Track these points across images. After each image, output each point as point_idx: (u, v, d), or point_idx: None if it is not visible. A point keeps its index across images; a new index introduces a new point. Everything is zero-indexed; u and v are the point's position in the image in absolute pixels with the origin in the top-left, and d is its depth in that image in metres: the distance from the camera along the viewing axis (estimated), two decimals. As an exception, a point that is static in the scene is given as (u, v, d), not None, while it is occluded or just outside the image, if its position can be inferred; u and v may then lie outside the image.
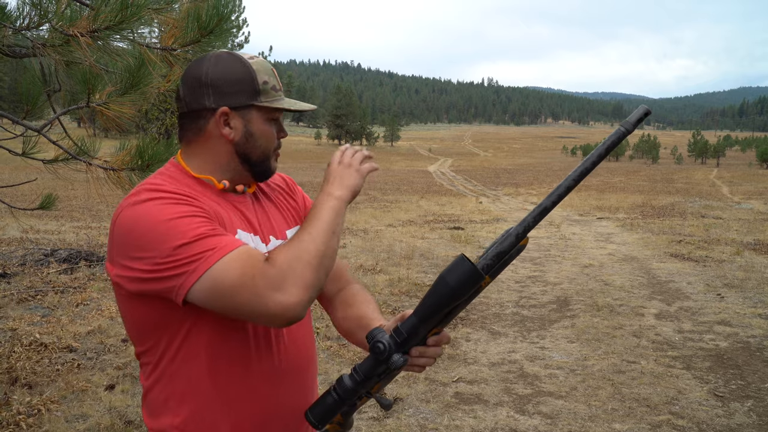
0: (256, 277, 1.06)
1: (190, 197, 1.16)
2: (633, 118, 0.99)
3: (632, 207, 18.29)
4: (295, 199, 1.48)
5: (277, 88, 1.27)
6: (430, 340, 1.16)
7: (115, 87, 2.91)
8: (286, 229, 1.38)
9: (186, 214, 1.11)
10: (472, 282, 1.04)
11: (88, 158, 3.30)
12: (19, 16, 2.43)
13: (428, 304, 1.09)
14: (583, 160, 1.03)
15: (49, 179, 4.13)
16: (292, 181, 1.53)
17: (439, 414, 3.86)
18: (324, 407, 1.20)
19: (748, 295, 6.85)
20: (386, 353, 1.14)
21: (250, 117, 1.25)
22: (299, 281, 1.07)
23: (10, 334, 5.01)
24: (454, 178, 38.67)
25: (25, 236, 10.27)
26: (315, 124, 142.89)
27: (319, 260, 1.11)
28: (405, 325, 1.14)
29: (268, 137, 1.28)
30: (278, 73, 1.32)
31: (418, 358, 1.18)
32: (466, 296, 1.07)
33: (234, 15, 2.89)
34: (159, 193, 1.14)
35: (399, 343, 1.15)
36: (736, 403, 4.01)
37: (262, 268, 1.07)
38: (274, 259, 1.09)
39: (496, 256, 1.06)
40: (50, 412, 3.69)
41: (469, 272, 1.03)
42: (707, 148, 67.53)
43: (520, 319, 6.02)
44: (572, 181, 1.02)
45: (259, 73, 1.24)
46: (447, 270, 1.06)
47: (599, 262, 9.00)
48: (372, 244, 10.36)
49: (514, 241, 1.05)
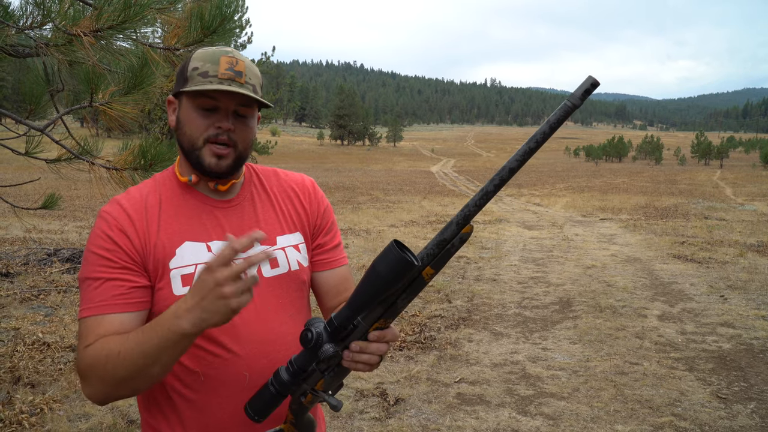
0: (76, 362, 1.17)
1: (124, 226, 1.20)
2: (579, 92, 0.90)
3: (635, 208, 18.25)
4: (304, 204, 1.42)
5: (209, 74, 1.20)
6: (372, 335, 1.07)
7: (118, 87, 2.91)
8: (279, 235, 1.34)
9: (97, 251, 1.19)
10: (401, 270, 0.96)
11: (90, 158, 3.30)
12: (23, 15, 2.44)
13: (359, 292, 1.02)
14: (527, 139, 0.95)
15: (52, 179, 4.13)
16: (311, 185, 1.46)
17: (441, 414, 3.85)
18: (262, 400, 1.16)
19: (751, 297, 6.83)
20: (313, 342, 1.07)
21: (181, 104, 1.25)
22: (97, 381, 1.12)
23: (13, 334, 5.02)
24: (457, 178, 38.64)
25: (28, 236, 10.30)
26: (318, 125, 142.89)
27: (121, 381, 1.10)
28: (338, 315, 1.07)
29: (193, 125, 1.22)
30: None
31: (359, 354, 1.08)
32: (398, 285, 0.99)
33: (237, 15, 2.89)
34: (104, 214, 1.23)
35: (330, 332, 1.08)
36: (738, 405, 4.00)
37: (81, 353, 1.15)
38: (90, 349, 1.13)
39: (437, 245, 1.00)
40: (53, 411, 3.70)
41: (397, 259, 0.96)
42: (710, 150, 67.37)
43: (523, 320, 6.01)
44: (516, 162, 0.95)
45: (193, 60, 1.23)
46: (378, 257, 0.99)
47: (602, 263, 8.98)
48: (374, 245, 10.36)
49: (455, 229, 0.99)
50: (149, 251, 1.21)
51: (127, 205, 1.24)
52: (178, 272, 1.21)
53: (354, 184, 29.75)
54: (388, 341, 1.09)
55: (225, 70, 1.20)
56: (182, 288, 1.21)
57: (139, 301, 1.19)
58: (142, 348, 1.07)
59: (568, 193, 25.78)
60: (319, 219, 1.43)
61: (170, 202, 1.27)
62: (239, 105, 1.23)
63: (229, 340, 1.23)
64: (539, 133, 0.94)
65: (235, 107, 1.23)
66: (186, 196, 1.29)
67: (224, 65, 1.20)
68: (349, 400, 4.05)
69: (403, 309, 1.06)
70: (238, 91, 1.19)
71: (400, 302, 1.04)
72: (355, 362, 1.09)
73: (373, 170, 47.51)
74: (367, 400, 4.06)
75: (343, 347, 1.09)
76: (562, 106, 0.92)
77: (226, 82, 1.20)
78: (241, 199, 1.34)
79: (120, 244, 1.19)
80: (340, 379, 1.15)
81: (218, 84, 1.19)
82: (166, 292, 1.21)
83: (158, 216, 1.25)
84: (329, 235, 1.44)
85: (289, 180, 1.44)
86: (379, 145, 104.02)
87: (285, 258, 1.33)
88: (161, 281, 1.21)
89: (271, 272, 1.31)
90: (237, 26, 2.90)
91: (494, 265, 8.95)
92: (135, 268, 1.20)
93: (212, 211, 1.29)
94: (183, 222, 1.26)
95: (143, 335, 1.08)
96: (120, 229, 1.20)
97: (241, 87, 1.20)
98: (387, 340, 1.09)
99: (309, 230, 1.41)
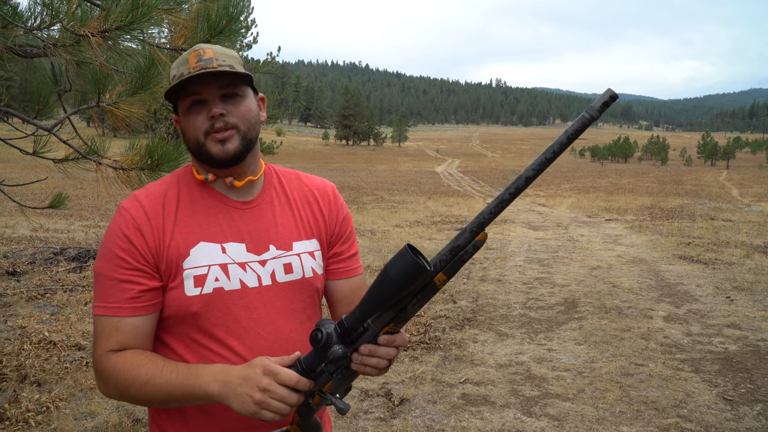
0: (95, 358, 1.22)
1: (140, 224, 1.22)
2: (598, 104, 0.90)
3: (641, 209, 18.20)
4: (323, 210, 1.40)
5: (184, 74, 1.21)
6: (381, 339, 1.08)
7: (125, 87, 2.92)
8: (296, 241, 1.33)
9: (113, 248, 1.21)
10: (413, 274, 0.97)
11: (97, 157, 3.32)
12: (31, 16, 2.45)
13: (370, 295, 1.03)
14: (545, 150, 0.96)
15: (59, 178, 4.15)
16: (332, 191, 1.44)
17: (446, 415, 3.85)
18: None
19: (757, 298, 6.80)
20: (322, 342, 1.07)
21: (180, 114, 1.27)
22: (115, 391, 1.20)
23: (19, 332, 5.05)
24: (462, 179, 38.61)
25: (34, 235, 10.35)
26: (323, 125, 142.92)
27: (139, 401, 1.20)
28: (349, 317, 1.08)
29: (191, 125, 1.24)
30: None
31: (368, 357, 1.08)
32: (409, 289, 1.00)
33: (243, 15, 2.89)
34: (123, 211, 1.24)
35: (340, 334, 1.08)
36: (745, 407, 3.98)
37: (102, 356, 1.20)
38: (116, 359, 1.19)
39: (450, 251, 1.00)
40: (59, 409, 3.71)
41: (410, 264, 0.96)
42: (717, 150, 67.11)
43: (528, 321, 6.00)
44: (532, 172, 0.95)
45: (171, 71, 1.25)
46: (391, 261, 1.00)
47: (607, 264, 8.96)
48: (379, 245, 10.36)
49: (469, 236, 0.99)
50: (163, 251, 1.22)
51: (145, 201, 1.25)
52: (191, 272, 1.22)
53: (359, 184, 29.77)
54: (398, 346, 1.10)
55: (195, 63, 1.21)
56: (194, 288, 1.21)
57: (150, 303, 1.21)
58: (169, 389, 1.15)
59: (574, 193, 25.72)
60: (337, 227, 1.41)
61: (188, 200, 1.28)
62: (223, 88, 1.23)
63: (237, 343, 1.24)
64: (556, 143, 0.94)
65: (219, 92, 1.22)
66: (204, 195, 1.29)
67: (193, 60, 1.21)
68: (353, 400, 4.05)
69: (413, 314, 1.06)
70: (205, 71, 1.19)
71: (410, 307, 1.04)
72: (364, 365, 1.10)
73: (378, 170, 47.51)
74: (371, 400, 4.06)
75: (353, 349, 1.09)
76: (580, 118, 0.92)
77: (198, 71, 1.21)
78: (260, 201, 1.33)
79: (135, 243, 1.20)
80: (348, 382, 1.15)
81: (189, 75, 1.20)
82: (178, 291, 1.22)
83: (175, 213, 1.25)
84: (346, 244, 1.43)
85: (310, 185, 1.42)
86: (384, 146, 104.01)
87: (300, 264, 1.32)
88: (174, 281, 1.22)
89: (285, 278, 1.30)
90: (243, 27, 2.90)
91: (499, 265, 8.93)
92: (148, 269, 1.21)
93: (229, 211, 1.29)
94: (200, 221, 1.26)
95: (176, 377, 1.15)
96: (136, 227, 1.21)
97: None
98: (396, 345, 1.10)
99: (326, 238, 1.40)
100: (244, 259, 1.26)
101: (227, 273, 1.23)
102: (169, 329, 1.26)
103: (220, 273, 1.23)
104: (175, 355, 1.24)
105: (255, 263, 1.27)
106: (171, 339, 1.26)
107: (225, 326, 1.23)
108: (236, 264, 1.25)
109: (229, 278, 1.23)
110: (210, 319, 1.23)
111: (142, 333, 1.21)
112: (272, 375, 1.07)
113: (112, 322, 1.19)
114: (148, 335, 1.23)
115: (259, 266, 1.27)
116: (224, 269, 1.23)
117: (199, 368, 1.15)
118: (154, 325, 1.24)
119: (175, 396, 1.15)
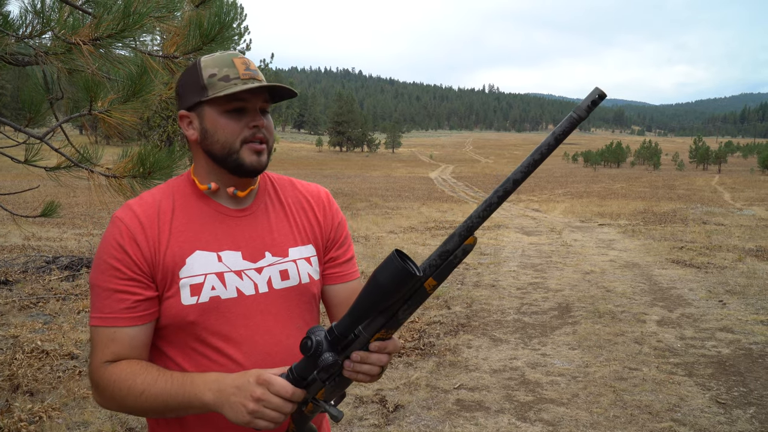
0: (91, 369, 1.22)
1: (135, 234, 1.22)
2: (585, 104, 0.88)
3: (634, 213, 18.27)
4: (318, 216, 1.40)
5: (230, 77, 1.21)
6: (373, 346, 1.07)
7: (117, 95, 2.92)
8: (291, 247, 1.33)
9: (108, 259, 1.21)
10: (401, 280, 0.96)
11: (90, 165, 3.31)
12: (22, 24, 2.45)
13: (359, 302, 1.02)
14: (532, 152, 0.94)
15: (51, 187, 4.15)
16: (326, 197, 1.45)
17: (441, 421, 3.85)
18: None
19: (750, 302, 6.83)
20: (312, 350, 1.06)
21: (203, 114, 1.25)
22: (111, 402, 1.21)
23: (11, 341, 5.01)
24: (456, 184, 38.68)
25: (27, 243, 10.29)
26: (316, 131, 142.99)
27: (135, 412, 1.20)
28: (339, 324, 1.07)
29: (227, 129, 1.23)
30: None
31: (360, 365, 1.08)
32: (398, 295, 0.99)
33: (236, 23, 2.90)
34: (117, 221, 1.24)
35: (331, 341, 1.07)
36: (738, 410, 4.00)
37: (99, 367, 1.20)
38: (112, 369, 1.19)
39: (440, 256, 0.99)
40: (51, 419, 3.69)
41: (398, 269, 0.95)
42: (709, 155, 67.54)
43: (522, 326, 6.00)
44: (520, 174, 0.94)
45: (205, 69, 1.24)
46: (379, 267, 0.98)
47: (601, 269, 8.99)
48: (373, 251, 10.36)
49: (458, 241, 0.98)
50: (158, 260, 1.21)
51: (140, 210, 1.24)
52: (188, 281, 1.21)
53: (353, 190, 29.77)
54: (390, 352, 1.09)
55: (244, 71, 1.23)
56: (191, 297, 1.21)
57: (147, 313, 1.21)
58: (165, 399, 1.15)
59: (567, 198, 25.80)
60: (332, 232, 1.41)
61: (183, 209, 1.27)
62: (264, 102, 1.27)
63: (235, 351, 1.24)
64: (544, 144, 0.93)
65: (260, 104, 1.26)
66: (199, 203, 1.29)
67: (241, 67, 1.23)
68: (348, 406, 4.04)
69: (405, 320, 1.05)
70: (274, 84, 1.24)
71: (401, 313, 1.03)
72: (356, 372, 1.09)
73: (371, 176, 47.54)
74: (366, 407, 4.05)
75: (344, 357, 1.08)
76: (567, 118, 0.91)
77: (250, 81, 1.22)
78: (255, 208, 1.33)
79: (130, 253, 1.20)
80: (341, 389, 1.14)
81: (243, 84, 1.21)
82: (174, 301, 1.21)
83: (170, 223, 1.25)
84: (342, 248, 1.43)
85: (304, 191, 1.42)
86: (377, 152, 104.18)
87: (296, 270, 1.32)
88: (170, 290, 1.22)
89: (282, 284, 1.30)
90: (236, 34, 2.91)
91: (493, 270, 8.95)
92: (143, 279, 1.21)
93: (225, 219, 1.29)
94: (195, 230, 1.26)
95: (171, 386, 1.14)
96: (131, 237, 1.21)
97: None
98: (388, 351, 1.09)
99: (322, 243, 1.40)
100: (240, 267, 1.25)
101: (224, 281, 1.23)
102: (166, 338, 1.25)
103: (216, 281, 1.22)
104: (173, 364, 1.24)
105: (251, 271, 1.27)
106: (169, 348, 1.25)
107: (222, 335, 1.23)
108: (232, 272, 1.25)
109: (226, 286, 1.23)
110: (207, 328, 1.22)
111: (138, 343, 1.21)
112: (265, 384, 1.07)
113: (108, 333, 1.19)
114: (145, 345, 1.22)
115: (256, 274, 1.27)
116: (220, 278, 1.23)
117: (193, 377, 1.15)
118: (150, 335, 1.23)
119: (170, 406, 1.15)
